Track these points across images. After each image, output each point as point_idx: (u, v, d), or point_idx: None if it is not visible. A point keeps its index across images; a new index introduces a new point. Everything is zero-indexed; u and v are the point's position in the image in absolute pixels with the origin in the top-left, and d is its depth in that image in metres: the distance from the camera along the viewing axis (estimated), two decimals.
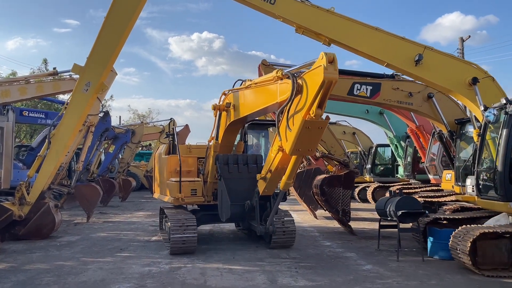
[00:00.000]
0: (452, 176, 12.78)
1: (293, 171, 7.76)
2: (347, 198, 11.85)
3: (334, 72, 6.15)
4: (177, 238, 9.12)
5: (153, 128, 27.36)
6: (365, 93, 12.30)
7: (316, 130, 6.72)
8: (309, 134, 6.71)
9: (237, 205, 8.91)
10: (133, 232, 12.59)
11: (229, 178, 9.26)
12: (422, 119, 16.34)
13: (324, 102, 6.47)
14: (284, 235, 9.75)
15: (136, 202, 22.96)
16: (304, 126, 6.56)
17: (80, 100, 9.90)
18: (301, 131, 6.61)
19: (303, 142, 6.83)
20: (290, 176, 7.80)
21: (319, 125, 6.68)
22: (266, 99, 8.29)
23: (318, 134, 6.88)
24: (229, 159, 9.59)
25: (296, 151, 6.98)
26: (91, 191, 14.81)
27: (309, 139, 6.85)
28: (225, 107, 9.99)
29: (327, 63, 6.11)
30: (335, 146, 12.27)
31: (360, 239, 11.11)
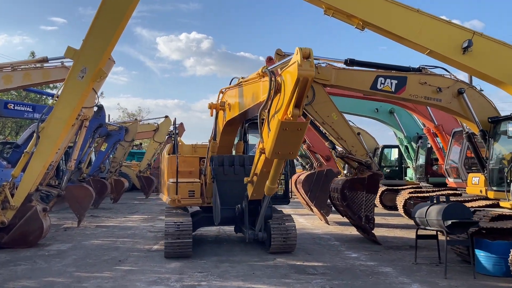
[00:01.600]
0: (481, 180, 11.68)
1: (276, 175, 7.23)
2: (371, 203, 10.67)
3: (310, 68, 5.69)
4: (171, 243, 8.73)
5: (147, 126, 26.03)
6: (389, 87, 11.19)
7: (295, 132, 6.23)
8: (288, 136, 6.24)
9: (227, 209, 8.65)
10: (130, 239, 11.27)
11: (223, 180, 9.02)
12: (441, 118, 15.32)
13: (302, 101, 6.01)
14: (284, 242, 9.20)
15: (129, 204, 21.58)
16: (281, 127, 6.10)
17: (75, 88, 8.57)
18: (279, 133, 6.16)
19: (282, 145, 6.40)
20: (273, 181, 7.28)
21: (297, 127, 6.18)
22: (253, 98, 7.96)
23: (297, 136, 6.36)
24: (224, 160, 9.33)
25: (276, 154, 6.56)
26: (83, 193, 13.46)
27: (288, 142, 6.40)
28: (220, 106, 9.63)
29: (302, 59, 5.65)
30: (356, 146, 11.09)
31: (387, 250, 9.95)
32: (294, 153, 6.85)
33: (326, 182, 14.32)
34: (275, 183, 7.43)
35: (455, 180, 14.12)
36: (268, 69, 6.79)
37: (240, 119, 9.90)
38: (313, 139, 14.91)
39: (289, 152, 6.70)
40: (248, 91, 8.43)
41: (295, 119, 6.09)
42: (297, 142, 6.61)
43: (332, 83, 11.10)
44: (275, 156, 6.68)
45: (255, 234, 8.16)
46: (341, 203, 10.71)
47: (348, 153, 11.12)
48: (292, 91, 5.91)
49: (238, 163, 9.43)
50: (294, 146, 6.65)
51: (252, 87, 8.13)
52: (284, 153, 6.64)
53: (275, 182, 7.41)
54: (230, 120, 9.57)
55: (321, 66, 11.13)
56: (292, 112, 6.01)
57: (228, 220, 9.12)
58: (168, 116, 26.40)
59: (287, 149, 6.59)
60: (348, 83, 11.17)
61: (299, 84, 5.79)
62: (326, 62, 11.28)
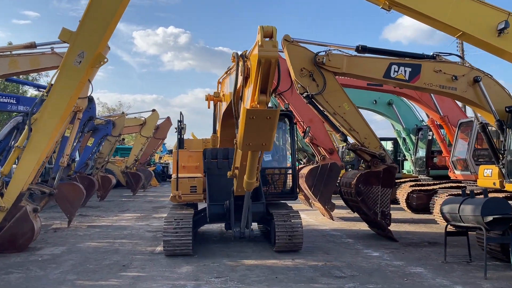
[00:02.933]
0: (494, 172, 11.25)
1: (252, 169, 6.65)
2: (387, 198, 10.08)
3: (273, 49, 5.16)
4: (169, 241, 8.36)
5: (133, 120, 25.00)
6: (403, 75, 10.64)
7: (264, 120, 5.60)
8: (257, 125, 5.64)
9: (217, 205, 8.29)
10: (129, 240, 10.44)
11: (215, 174, 8.65)
12: (446, 108, 14.89)
13: (268, 86, 5.43)
14: (290, 240, 8.68)
15: (117, 202, 20.62)
16: (248, 116, 5.51)
17: (71, 75, 7.67)
18: (246, 122, 5.57)
19: (252, 136, 5.81)
20: (250, 175, 6.72)
21: (266, 115, 5.57)
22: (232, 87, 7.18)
23: (268, 125, 5.67)
24: (218, 153, 8.92)
25: (247, 145, 5.99)
26: (73, 191, 12.54)
27: (259, 132, 5.77)
28: (215, 96, 9.21)
29: (262, 39, 5.12)
30: (369, 137, 10.48)
31: (406, 247, 9.40)
32: (267, 145, 6.10)
33: (330, 176, 13.75)
34: (253, 177, 6.86)
35: (462, 173, 13.68)
36: (236, 53, 6.21)
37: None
38: (316, 131, 14.27)
39: (261, 143, 6.02)
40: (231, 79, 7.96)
41: (262, 106, 5.54)
42: (269, 132, 5.93)
43: (344, 71, 10.47)
44: (247, 147, 6.11)
45: (242, 232, 7.74)
46: (355, 198, 10.08)
47: (361, 146, 10.53)
48: (256, 75, 5.38)
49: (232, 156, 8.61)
50: (267, 137, 5.97)
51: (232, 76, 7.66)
52: (255, 144, 6.03)
53: (253, 176, 6.83)
54: (227, 112, 8.94)
55: (331, 53, 10.49)
56: (258, 99, 5.48)
57: (218, 217, 8.61)
58: (156, 110, 25.51)
59: (258, 140, 5.96)
60: (360, 71, 10.56)
61: (261, 67, 5.26)
62: (337, 49, 10.66)
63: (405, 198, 15.68)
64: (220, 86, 9.49)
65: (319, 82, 10.39)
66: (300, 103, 14.51)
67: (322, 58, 10.33)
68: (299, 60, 10.44)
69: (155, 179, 33.32)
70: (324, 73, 10.35)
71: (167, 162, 43.34)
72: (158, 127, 26.91)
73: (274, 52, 5.25)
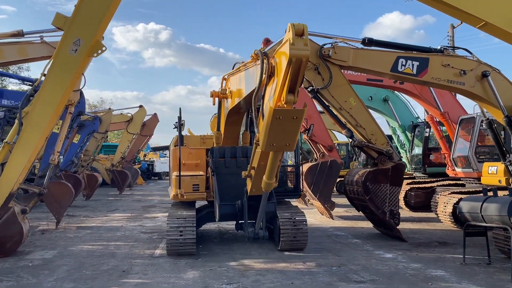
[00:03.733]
0: (500, 169, 11.04)
1: (273, 169, 6.43)
2: (395, 197, 9.69)
3: (304, 47, 5.03)
4: (173, 240, 8.15)
5: (120, 116, 24.20)
6: (411, 69, 10.28)
7: (291, 121, 5.46)
8: (283, 126, 5.48)
9: (227, 205, 8.02)
10: (124, 242, 9.83)
11: (224, 173, 8.51)
12: (446, 105, 14.63)
13: (296, 86, 5.30)
14: (294, 238, 8.54)
15: (104, 201, 19.88)
16: (274, 116, 5.34)
17: (66, 65, 7.02)
18: (272, 122, 5.40)
19: (277, 136, 5.65)
20: (270, 176, 6.49)
21: (293, 115, 5.42)
22: (249, 84, 7.18)
23: (294, 125, 5.57)
24: (226, 151, 8.79)
25: (270, 146, 5.81)
26: (61, 191, 11.85)
27: (283, 132, 5.62)
28: (222, 93, 8.99)
29: (294, 37, 4.98)
30: (376, 134, 10.09)
31: (417, 247, 9.04)
32: (291, 145, 5.95)
33: (330, 174, 13.36)
34: (273, 178, 6.58)
35: (463, 170, 13.42)
36: (260, 51, 6.04)
37: (244, 108, 9.03)
38: (315, 127, 13.85)
39: (285, 143, 5.84)
40: (245, 76, 7.70)
41: (289, 106, 5.37)
42: (293, 132, 5.77)
43: (350, 64, 10.05)
44: (270, 148, 5.91)
45: (256, 233, 7.41)
46: (363, 196, 9.67)
47: (368, 142, 10.12)
48: (285, 74, 5.22)
49: (241, 155, 8.78)
50: (291, 137, 5.80)
51: (250, 71, 7.34)
52: (279, 144, 5.84)
53: (273, 176, 6.56)
54: (234, 109, 8.84)
55: (338, 46, 10.05)
56: (286, 99, 5.29)
57: (229, 217, 8.34)
58: (143, 106, 24.80)
59: (282, 140, 5.77)
60: (367, 64, 10.15)
61: (292, 66, 5.10)
62: (344, 42, 10.23)
63: (403, 196, 15.38)
64: (225, 83, 9.17)
65: (324, 75, 9.95)
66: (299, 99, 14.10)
67: (328, 51, 9.89)
68: None
69: (141, 177, 32.51)
70: (330, 67, 9.92)
71: (152, 159, 42.51)
72: (144, 124, 26.15)
73: (306, 50, 5.08)
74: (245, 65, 7.83)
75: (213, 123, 24.92)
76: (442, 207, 11.75)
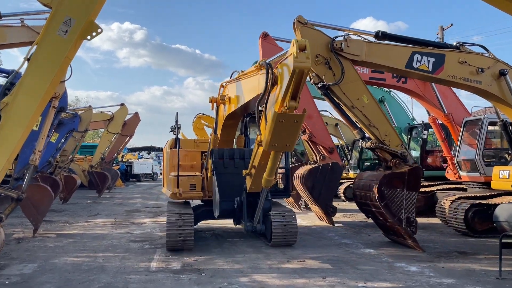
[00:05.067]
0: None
1: (273, 167, 7.18)
2: (412, 203, 8.95)
3: (306, 60, 5.71)
4: (174, 233, 8.73)
5: (100, 115, 22.90)
6: (426, 66, 9.63)
7: (292, 124, 6.19)
8: (284, 128, 6.23)
9: (227, 202, 8.67)
10: (113, 253, 8.77)
11: (223, 173, 9.08)
12: (450, 106, 14.05)
13: (298, 93, 6.01)
14: (285, 233, 9.22)
15: (83, 205, 18.62)
16: (278, 120, 6.10)
17: (54, 48, 5.96)
18: (275, 125, 6.16)
19: (279, 137, 6.38)
20: (270, 173, 7.23)
21: (294, 119, 6.16)
22: (251, 92, 7.92)
23: (294, 128, 6.30)
24: (225, 153, 9.41)
25: (273, 146, 6.55)
26: (40, 194, 10.65)
27: (285, 134, 6.36)
28: (220, 99, 9.63)
29: (298, 51, 5.68)
30: (390, 134, 9.34)
31: (438, 258, 8.32)
32: (290, 146, 6.72)
33: (332, 177, 12.59)
34: (273, 175, 7.32)
35: (469, 174, 12.82)
36: (265, 62, 6.86)
37: (240, 113, 9.83)
38: (315, 128, 13.06)
39: (285, 144, 6.58)
40: (247, 84, 8.29)
41: (291, 111, 6.06)
42: (293, 134, 6.49)
43: (363, 59, 9.30)
44: (272, 148, 6.64)
45: (254, 226, 8.12)
46: (377, 202, 8.89)
47: (381, 143, 9.37)
48: (288, 83, 5.90)
49: (238, 156, 9.43)
50: (291, 138, 6.55)
51: (251, 80, 8.00)
52: (281, 145, 6.57)
53: (273, 174, 7.29)
54: (231, 114, 9.46)
55: (350, 39, 9.28)
56: (289, 104, 5.99)
57: (228, 213, 8.96)
58: (125, 104, 23.54)
59: (284, 141, 6.52)
60: (381, 59, 9.42)
61: (295, 76, 5.78)
62: (356, 35, 9.46)
63: None
64: (223, 90, 9.78)
65: (336, 70, 9.16)
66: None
67: (340, 44, 9.12)
68: (314, 45, 9.14)
69: (120, 180, 31.13)
70: (342, 61, 9.14)
71: (131, 161, 41.06)
72: (125, 123, 24.89)
73: (307, 63, 5.69)
74: (246, 74, 8.45)
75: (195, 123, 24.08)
76: (453, 213, 11.12)
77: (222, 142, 10.04)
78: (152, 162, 44.53)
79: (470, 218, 10.64)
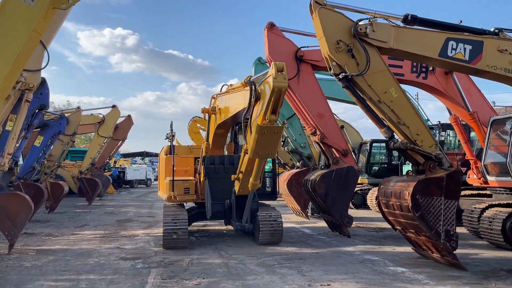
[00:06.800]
0: None
1: (258, 173, 8.14)
2: (451, 213, 7.64)
3: (283, 80, 6.64)
4: (169, 230, 9.43)
5: (90, 117, 21.51)
6: (462, 55, 8.38)
7: (272, 135, 7.17)
8: (266, 138, 7.19)
9: (218, 204, 9.60)
10: (99, 275, 7.38)
11: (214, 177, 9.90)
12: (475, 104, 12.78)
13: (277, 108, 6.91)
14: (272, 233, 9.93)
15: (71, 214, 17.18)
16: (260, 131, 7.04)
17: (20, 17, 4.59)
18: (258, 135, 7.10)
19: (262, 146, 7.33)
20: (255, 177, 8.21)
21: (274, 130, 7.13)
22: (238, 105, 8.77)
23: (275, 138, 7.28)
24: (216, 159, 10.19)
25: (257, 154, 7.50)
26: (16, 204, 9.23)
27: (267, 143, 7.31)
28: (211, 110, 10.40)
29: (276, 72, 6.60)
30: (422, 134, 8.04)
31: (487, 279, 7.02)
32: (272, 153, 7.75)
33: (347, 183, 11.24)
34: (258, 179, 8.29)
35: (498, 179, 11.50)
36: (249, 80, 7.64)
37: (230, 123, 10.53)
38: (327, 128, 11.72)
39: (268, 152, 7.57)
40: (234, 98, 9.17)
41: (272, 123, 6.93)
42: (275, 143, 7.42)
43: (391, 46, 8.02)
44: (256, 155, 7.55)
45: (242, 226, 9.14)
46: (411, 213, 7.55)
47: (412, 144, 8.07)
48: (268, 100, 6.77)
49: (228, 162, 10.20)
50: (273, 147, 7.49)
51: (238, 95, 8.83)
52: (264, 153, 7.53)
53: (258, 178, 8.27)
54: (221, 124, 10.27)
55: (376, 23, 8.00)
56: (270, 118, 6.88)
57: (219, 214, 9.92)
58: (116, 106, 22.13)
59: (266, 150, 7.46)
60: (411, 47, 8.15)
61: (274, 94, 6.64)
62: (383, 18, 8.18)
63: None
64: (214, 101, 10.57)
65: (359, 59, 7.89)
66: (308, 94, 11.96)
67: (365, 28, 7.83)
68: (335, 30, 7.91)
69: (112, 186, 29.63)
70: (367, 48, 7.86)
71: (124, 166, 39.55)
72: (117, 127, 23.49)
73: (284, 83, 6.64)
74: (234, 88, 9.40)
75: (191, 126, 22.74)
76: (487, 223, 9.82)
77: (214, 149, 10.79)
78: (146, 168, 43.02)
79: (508, 229, 9.37)
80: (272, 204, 11.31)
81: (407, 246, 9.13)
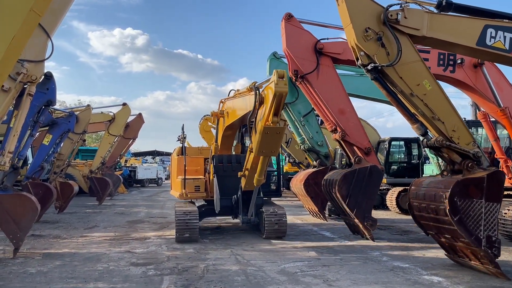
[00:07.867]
0: None
1: (262, 169, 8.87)
2: (494, 218, 6.95)
3: (284, 86, 7.38)
4: (182, 225, 10.04)
5: (100, 115, 21.07)
6: (502, 43, 7.67)
7: (275, 135, 8.02)
8: (270, 138, 8.04)
9: (226, 199, 10.38)
10: (108, 283, 6.81)
11: (222, 175, 10.68)
12: (506, 99, 11.99)
13: (279, 111, 7.75)
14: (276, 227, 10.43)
15: (81, 215, 16.70)
16: (264, 131, 7.88)
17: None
18: (262, 135, 7.96)
19: (265, 145, 8.18)
20: (260, 174, 8.94)
21: (276, 131, 7.95)
22: (244, 108, 9.37)
23: (277, 138, 8.17)
24: (224, 158, 11.04)
25: (261, 152, 8.35)
26: (21, 206, 8.70)
27: (270, 143, 8.18)
28: (220, 114, 10.97)
29: (278, 79, 7.33)
30: (459, 130, 7.36)
31: None
32: (275, 152, 8.62)
33: (370, 183, 10.55)
34: (262, 176, 8.96)
35: None
36: (254, 86, 8.52)
37: (237, 125, 11.09)
38: (349, 125, 11.05)
39: (271, 150, 8.38)
40: (241, 101, 9.67)
41: (274, 124, 7.80)
42: (277, 143, 8.33)
43: (424, 33, 7.34)
44: (261, 154, 8.39)
45: (248, 219, 9.81)
46: (449, 217, 6.86)
47: (448, 141, 7.37)
48: (271, 104, 7.61)
49: (235, 161, 10.99)
50: (275, 146, 8.39)
51: (244, 99, 9.37)
52: (267, 151, 8.35)
53: (262, 174, 8.93)
54: (229, 126, 10.81)
55: (408, 8, 7.31)
56: (272, 119, 7.75)
57: (227, 209, 10.56)
58: (127, 104, 21.65)
59: (270, 148, 8.29)
60: (447, 34, 7.46)
61: (276, 98, 7.48)
62: (415, 3, 7.49)
63: None
64: (222, 105, 11.07)
65: (390, 49, 7.24)
66: (328, 89, 11.28)
67: (396, 15, 7.16)
68: (363, 17, 7.26)
69: (123, 186, 29.21)
70: (399, 36, 7.19)
71: (135, 165, 39.16)
72: (128, 125, 23.04)
73: (285, 88, 7.43)
74: (240, 93, 9.95)
75: (202, 125, 22.22)
76: None
77: (222, 150, 11.40)
78: (157, 167, 42.57)
79: None
80: (287, 204, 11.27)
81: (437, 250, 8.49)
